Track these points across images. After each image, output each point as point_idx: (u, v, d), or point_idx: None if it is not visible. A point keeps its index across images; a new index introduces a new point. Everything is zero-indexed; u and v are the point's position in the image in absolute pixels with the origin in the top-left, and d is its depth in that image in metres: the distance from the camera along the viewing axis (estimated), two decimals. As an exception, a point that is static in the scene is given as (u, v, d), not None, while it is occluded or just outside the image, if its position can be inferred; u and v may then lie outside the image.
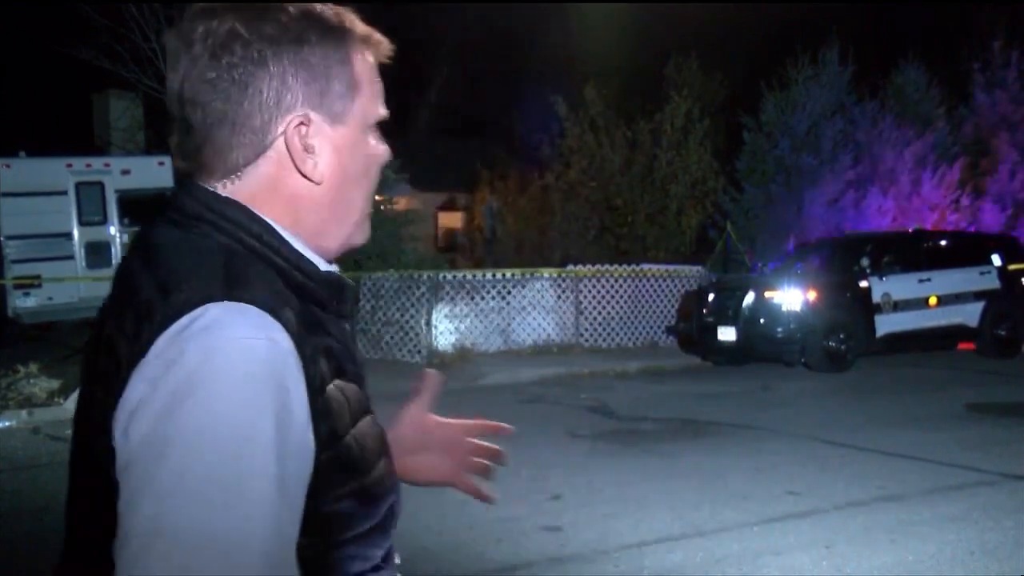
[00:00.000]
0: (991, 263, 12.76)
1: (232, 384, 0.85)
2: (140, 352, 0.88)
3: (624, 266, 14.32)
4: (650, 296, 14.07)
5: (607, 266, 14.26)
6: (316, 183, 1.02)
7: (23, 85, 22.35)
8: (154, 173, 15.28)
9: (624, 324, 13.90)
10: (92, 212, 15.11)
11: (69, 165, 15.05)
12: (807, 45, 18.17)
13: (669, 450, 7.32)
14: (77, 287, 14.48)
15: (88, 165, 15.33)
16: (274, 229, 1.00)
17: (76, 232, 15.01)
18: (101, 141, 19.61)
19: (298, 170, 1.01)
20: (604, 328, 13.82)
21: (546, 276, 13.97)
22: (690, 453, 7.17)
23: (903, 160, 17.27)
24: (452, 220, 27.72)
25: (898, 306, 11.84)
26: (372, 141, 1.08)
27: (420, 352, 12.31)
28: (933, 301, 12.15)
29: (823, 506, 5.59)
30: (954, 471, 6.38)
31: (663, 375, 11.84)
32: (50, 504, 5.47)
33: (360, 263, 13.47)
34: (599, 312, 13.82)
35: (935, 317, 12.16)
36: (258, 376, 0.86)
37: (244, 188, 1.01)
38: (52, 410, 8.93)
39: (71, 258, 14.92)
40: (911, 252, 12.54)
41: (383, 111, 1.08)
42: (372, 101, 1.06)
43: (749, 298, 11.64)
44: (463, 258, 22.79)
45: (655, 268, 14.60)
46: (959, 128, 18.72)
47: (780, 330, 11.35)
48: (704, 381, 11.13)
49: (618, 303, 13.88)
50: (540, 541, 5.08)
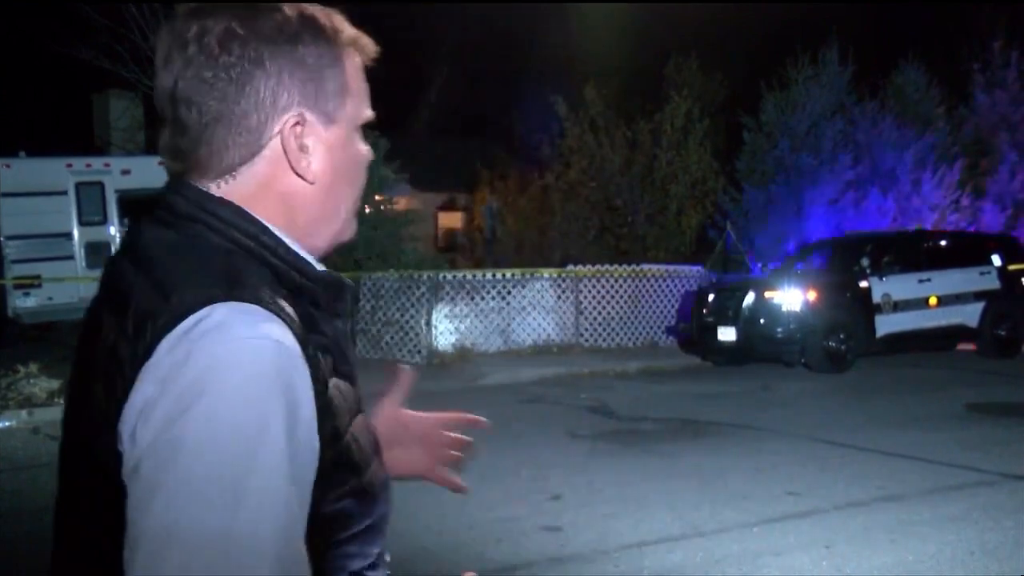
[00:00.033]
0: (991, 263, 12.75)
1: (240, 385, 0.84)
2: (145, 354, 0.87)
3: (624, 266, 14.31)
4: (650, 296, 14.07)
5: (607, 266, 14.26)
6: (309, 183, 1.02)
7: (23, 85, 22.38)
8: (154, 173, 15.22)
9: (624, 324, 13.89)
10: (92, 212, 15.11)
11: (69, 165, 15.05)
12: (807, 45, 18.18)
13: (669, 450, 7.31)
14: (77, 287, 14.46)
15: (88, 165, 15.33)
16: (270, 229, 1.00)
17: (76, 232, 15.00)
18: (101, 141, 19.61)
19: (293, 170, 1.01)
20: (604, 328, 13.82)
21: (546, 276, 13.96)
22: (690, 453, 7.16)
23: (903, 160, 17.26)
24: (452, 220, 27.70)
25: (898, 306, 11.84)
26: (359, 142, 1.09)
27: (420, 352, 12.30)
28: (933, 301, 12.14)
29: (823, 506, 5.59)
30: (954, 471, 6.38)
31: (663, 375, 11.83)
32: (50, 504, 5.35)
33: (360, 263, 13.47)
34: (599, 312, 13.82)
35: (935, 317, 12.15)
36: (266, 376, 0.86)
37: (239, 188, 1.01)
38: (52, 410, 8.91)
39: (71, 258, 14.92)
40: (911, 252, 12.53)
41: (370, 113, 1.09)
42: (361, 102, 1.07)
43: (749, 298, 11.64)
44: (463, 258, 22.76)
45: (655, 268, 14.59)
46: (959, 128, 18.70)
47: (780, 330, 11.35)
48: (704, 381, 11.12)
49: (618, 303, 13.87)
50: (540, 541, 5.08)
